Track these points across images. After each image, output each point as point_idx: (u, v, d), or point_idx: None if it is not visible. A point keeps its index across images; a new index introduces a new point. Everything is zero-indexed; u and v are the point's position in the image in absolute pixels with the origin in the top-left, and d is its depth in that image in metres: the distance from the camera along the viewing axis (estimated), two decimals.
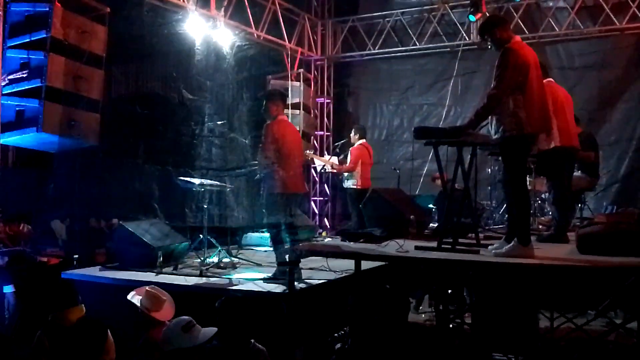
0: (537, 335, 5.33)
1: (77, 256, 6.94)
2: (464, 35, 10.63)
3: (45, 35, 6.31)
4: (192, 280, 6.08)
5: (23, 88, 6.39)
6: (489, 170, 9.15)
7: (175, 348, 3.24)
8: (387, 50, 11.46)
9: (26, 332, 4.77)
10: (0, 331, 4.90)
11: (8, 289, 6.43)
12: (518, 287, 4.79)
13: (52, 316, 4.07)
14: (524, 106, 4.53)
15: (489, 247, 4.89)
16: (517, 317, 5.01)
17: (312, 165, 11.19)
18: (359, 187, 8.81)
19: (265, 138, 5.98)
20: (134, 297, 4.71)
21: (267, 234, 8.00)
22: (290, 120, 10.36)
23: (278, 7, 10.40)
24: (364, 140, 9.08)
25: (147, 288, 4.69)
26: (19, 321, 6.33)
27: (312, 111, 11.56)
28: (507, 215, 5.54)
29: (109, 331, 4.16)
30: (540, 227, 6.87)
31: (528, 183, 5.73)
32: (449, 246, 4.89)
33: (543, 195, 7.66)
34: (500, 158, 5.66)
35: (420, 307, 7.47)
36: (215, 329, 3.52)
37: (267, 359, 3.97)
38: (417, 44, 11.14)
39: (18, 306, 6.47)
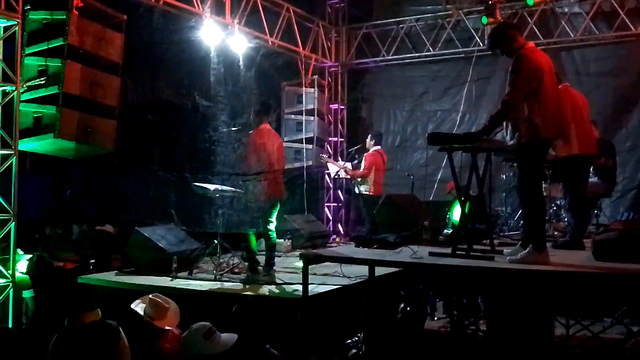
0: (553, 342, 5.30)
1: (93, 261, 7.01)
2: (478, 41, 10.60)
3: (62, 43, 6.39)
4: (206, 285, 6.11)
5: (41, 95, 6.46)
6: (504, 176, 9.10)
7: (196, 355, 3.25)
8: (401, 56, 11.46)
9: (43, 336, 4.81)
10: (18, 335, 4.94)
11: (28, 294, 6.51)
12: (533, 293, 4.76)
13: (69, 320, 4.11)
14: (539, 112, 4.52)
15: (504, 253, 4.88)
16: (532, 324, 4.98)
17: (326, 171, 11.21)
18: (371, 193, 8.82)
19: (247, 147, 6.44)
20: (138, 306, 4.73)
21: (280, 239, 8.07)
22: (304, 127, 10.53)
23: (292, 14, 10.44)
24: (379, 147, 9.09)
25: (150, 296, 4.66)
26: (36, 325, 6.39)
27: (326, 117, 11.59)
28: (522, 222, 5.51)
29: (123, 335, 4.18)
30: (555, 233, 6.83)
31: (543, 189, 5.70)
32: (464, 252, 4.87)
33: (558, 202, 7.61)
34: (515, 164, 5.65)
35: (435, 314, 7.44)
36: (236, 336, 3.52)
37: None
38: (431, 50, 11.12)
39: (36, 310, 6.54)
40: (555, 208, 7.72)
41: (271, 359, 3.91)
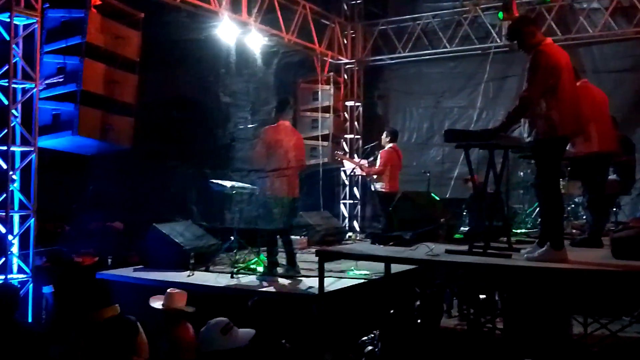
0: (570, 341, 5.25)
1: (111, 257, 7.08)
2: (496, 37, 10.53)
3: (80, 41, 6.47)
4: (223, 282, 6.15)
5: (59, 92, 6.54)
6: (521, 173, 9.04)
7: (214, 350, 3.27)
8: (417, 53, 11.41)
9: (62, 331, 4.88)
10: (38, 330, 5.01)
11: (47, 289, 6.59)
12: (551, 292, 4.72)
13: (88, 315, 4.16)
14: (556, 108, 4.48)
15: (521, 251, 4.85)
16: (549, 323, 4.94)
17: (342, 168, 11.21)
18: (387, 189, 8.79)
19: (258, 142, 6.39)
20: (155, 303, 4.84)
21: (296, 236, 8.08)
22: (320, 124, 10.53)
23: (308, 11, 10.45)
24: (394, 144, 9.06)
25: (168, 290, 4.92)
26: (55, 320, 6.48)
27: (341, 114, 11.59)
28: (539, 219, 5.47)
29: (142, 331, 4.23)
30: (573, 231, 6.77)
31: (561, 186, 5.66)
32: (481, 250, 4.85)
33: (576, 199, 7.54)
34: (532, 161, 5.60)
35: (451, 312, 7.42)
36: (253, 331, 3.54)
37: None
38: (448, 46, 11.06)
39: (55, 306, 6.62)
40: (573, 206, 7.65)
41: (286, 353, 3.92)
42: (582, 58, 9.90)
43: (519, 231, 7.16)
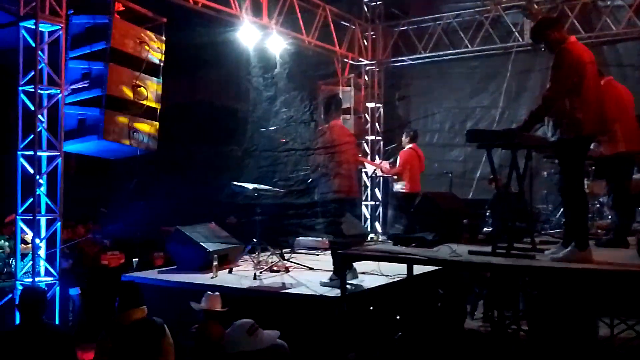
0: (596, 342, 5.20)
1: (137, 259, 7.16)
2: (517, 36, 10.45)
3: (105, 46, 6.55)
4: (246, 283, 6.19)
5: (84, 97, 6.63)
6: (545, 173, 8.95)
7: (239, 351, 3.29)
8: (438, 53, 11.36)
9: (89, 332, 4.95)
10: (65, 331, 5.10)
11: (74, 291, 6.70)
12: (576, 293, 4.68)
13: (115, 317, 4.22)
14: (580, 107, 4.44)
15: (546, 252, 4.80)
16: (575, 324, 4.89)
17: (364, 170, 11.20)
18: (407, 190, 8.76)
19: (319, 143, 6.05)
20: (196, 304, 5.01)
21: (319, 238, 8.08)
22: None
23: (329, 13, 10.47)
24: (414, 144, 9.03)
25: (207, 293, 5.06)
26: (82, 321, 6.58)
27: (362, 116, 11.59)
28: (563, 219, 5.42)
29: (168, 332, 4.27)
30: (598, 231, 6.69)
31: (585, 186, 5.60)
32: (504, 251, 4.81)
33: (601, 199, 7.45)
34: (556, 161, 5.55)
35: (475, 313, 7.38)
36: (278, 332, 3.56)
37: (288, 354, 3.98)
38: (469, 46, 11.00)
39: (82, 307, 6.73)
40: (598, 205, 7.56)
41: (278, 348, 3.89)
42: (606, 56, 9.79)
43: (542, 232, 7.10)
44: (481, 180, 9.58)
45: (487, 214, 8.38)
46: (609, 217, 6.78)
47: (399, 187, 8.93)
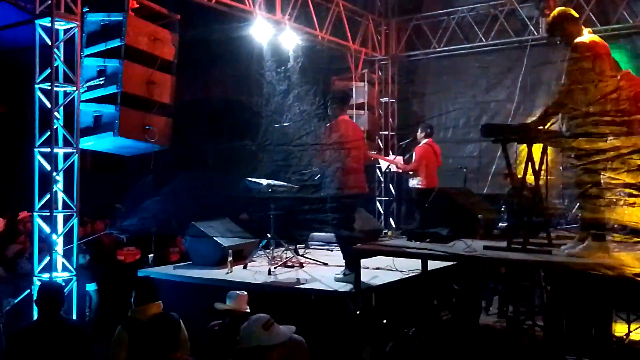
0: (612, 338, 5.16)
1: (152, 255, 7.22)
2: (532, 29, 10.36)
3: (120, 44, 6.59)
4: (261, 279, 6.21)
5: (100, 94, 6.68)
6: (561, 167, 8.88)
7: (256, 345, 3.31)
8: (452, 47, 11.29)
9: (106, 327, 5.00)
10: (82, 326, 5.16)
11: (91, 287, 6.77)
12: (592, 288, 4.64)
13: (132, 311, 4.26)
14: (596, 101, 4.40)
15: (562, 247, 4.77)
16: (591, 320, 4.86)
17: (377, 165, 11.17)
18: (423, 186, 8.73)
19: (326, 139, 6.08)
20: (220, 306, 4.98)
21: (331, 233, 8.07)
22: (355, 121, 10.51)
23: (342, 8, 10.45)
24: (429, 139, 9.00)
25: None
26: (99, 317, 6.65)
27: (376, 111, 11.56)
28: (579, 214, 5.37)
29: (184, 327, 4.31)
30: (614, 226, 6.62)
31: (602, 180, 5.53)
32: (519, 246, 4.79)
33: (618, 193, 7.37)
34: (572, 155, 5.50)
35: (490, 309, 7.35)
36: (294, 327, 3.58)
37: (306, 350, 3.99)
38: (484, 40, 10.92)
39: (99, 302, 6.80)
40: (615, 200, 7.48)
41: (297, 344, 3.90)
42: (623, 48, 9.67)
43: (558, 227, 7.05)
44: (496, 175, 9.52)
45: (502, 209, 8.33)
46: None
47: (414, 182, 8.90)
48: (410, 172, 8.95)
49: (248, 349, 3.33)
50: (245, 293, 5.03)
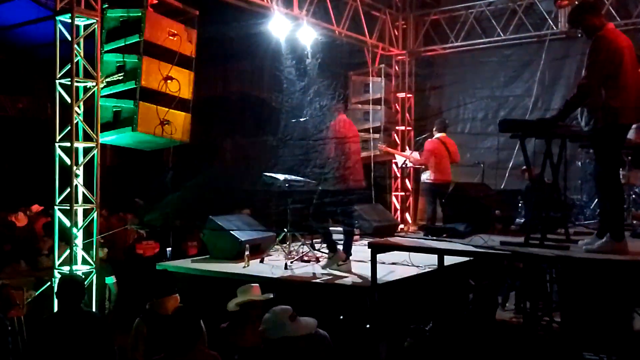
0: (632, 334, 5.11)
1: (170, 249, 7.28)
2: (551, 24, 10.26)
3: (138, 39, 6.65)
4: (278, 272, 6.25)
5: (119, 90, 6.75)
6: (580, 163, 8.80)
7: (283, 336, 3.32)
8: (470, 42, 11.22)
9: (125, 319, 5.07)
10: (102, 318, 5.23)
11: (110, 280, 6.85)
12: (611, 284, 4.61)
13: (150, 304, 4.32)
14: (617, 96, 4.36)
15: (580, 242, 4.74)
16: (609, 316, 4.82)
17: (393, 160, 11.16)
18: (431, 180, 8.71)
19: (328, 135, 6.37)
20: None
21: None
22: (371, 116, 10.52)
23: (359, 3, 10.43)
24: (442, 134, 8.96)
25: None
26: (118, 309, 6.73)
27: (393, 106, 11.54)
28: (598, 210, 5.33)
29: (201, 321, 4.35)
30: (634, 222, 6.57)
31: (622, 176, 5.49)
32: (537, 242, 4.76)
33: (637, 189, 7.30)
34: (591, 150, 5.45)
35: (507, 304, 7.32)
36: (315, 321, 3.58)
37: (331, 345, 4.00)
38: (502, 34, 10.83)
39: (118, 295, 6.88)
40: (634, 196, 7.41)
41: (320, 339, 3.91)
42: None
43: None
44: (514, 170, 9.47)
45: (520, 204, 8.28)
46: None
47: (424, 177, 8.90)
48: (423, 166, 8.96)
49: (275, 340, 3.32)
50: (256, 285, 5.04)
